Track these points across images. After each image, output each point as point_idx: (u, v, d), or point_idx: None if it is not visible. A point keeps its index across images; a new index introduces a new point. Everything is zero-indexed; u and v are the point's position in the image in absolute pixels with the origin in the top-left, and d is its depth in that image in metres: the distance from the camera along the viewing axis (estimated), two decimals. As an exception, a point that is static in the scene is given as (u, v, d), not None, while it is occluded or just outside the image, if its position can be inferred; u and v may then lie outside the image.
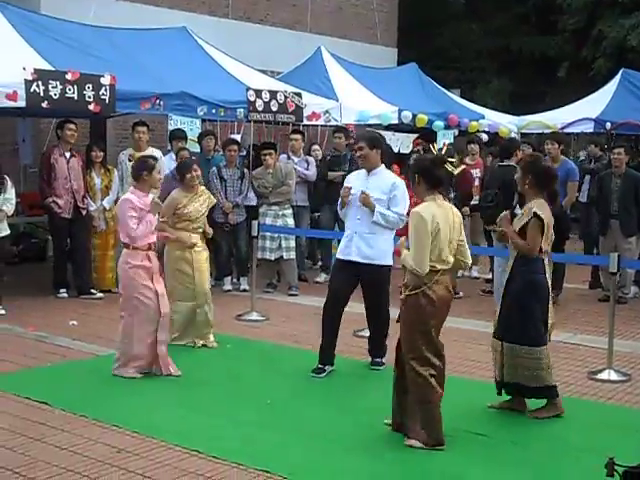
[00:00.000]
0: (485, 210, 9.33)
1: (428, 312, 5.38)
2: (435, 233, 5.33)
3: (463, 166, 10.69)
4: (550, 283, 6.10)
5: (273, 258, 10.51)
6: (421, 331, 5.40)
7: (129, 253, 6.84)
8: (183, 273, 7.84)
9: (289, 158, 11.47)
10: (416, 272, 5.34)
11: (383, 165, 7.04)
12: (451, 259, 5.46)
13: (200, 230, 7.96)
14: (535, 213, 5.86)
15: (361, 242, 6.88)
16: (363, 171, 7.08)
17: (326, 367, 7.02)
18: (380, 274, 6.97)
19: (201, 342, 7.84)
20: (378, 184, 6.90)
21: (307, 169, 11.43)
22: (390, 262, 7.03)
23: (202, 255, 7.94)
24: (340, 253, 7.06)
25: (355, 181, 7.07)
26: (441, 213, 5.41)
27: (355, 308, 7.30)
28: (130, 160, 9.96)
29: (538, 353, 5.89)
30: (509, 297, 6.00)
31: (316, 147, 12.32)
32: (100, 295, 9.99)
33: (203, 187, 8.22)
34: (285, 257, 10.53)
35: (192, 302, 7.82)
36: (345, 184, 7.18)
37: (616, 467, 3.26)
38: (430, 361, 5.39)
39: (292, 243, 10.59)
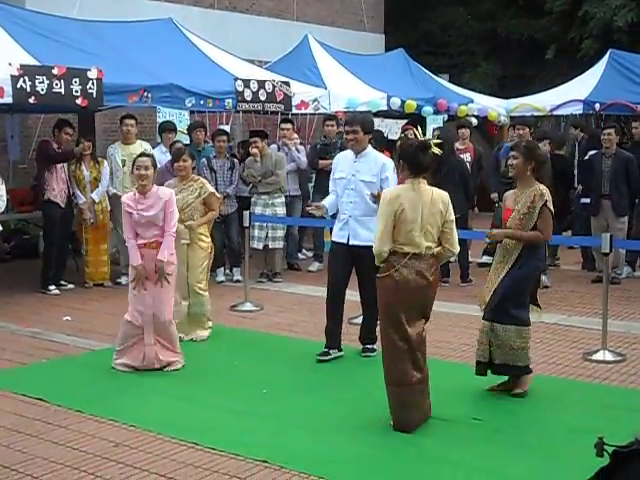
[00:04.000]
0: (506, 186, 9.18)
1: (393, 295, 5.39)
2: (398, 214, 5.35)
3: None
4: None
5: (261, 247, 10.51)
6: (387, 313, 5.44)
7: None
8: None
9: (279, 148, 11.43)
10: (375, 252, 5.42)
11: (370, 146, 7.04)
12: (424, 243, 5.40)
13: (191, 222, 7.69)
14: (546, 203, 5.92)
15: (357, 225, 6.94)
16: (350, 153, 7.04)
17: (331, 351, 7.06)
18: None
19: (186, 337, 7.66)
20: (369, 167, 6.92)
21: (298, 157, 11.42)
22: None
23: (193, 250, 7.75)
24: (336, 236, 7.11)
25: (343, 164, 7.06)
26: (412, 196, 5.39)
27: (348, 295, 7.26)
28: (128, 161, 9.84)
29: (526, 332, 6.02)
30: (511, 282, 5.97)
31: (294, 135, 12.13)
32: (71, 286, 10.11)
33: (199, 178, 8.05)
34: (270, 246, 10.52)
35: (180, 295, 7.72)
36: (333, 168, 7.21)
37: (605, 447, 3.26)
38: (397, 344, 5.39)
39: (279, 233, 10.56)
